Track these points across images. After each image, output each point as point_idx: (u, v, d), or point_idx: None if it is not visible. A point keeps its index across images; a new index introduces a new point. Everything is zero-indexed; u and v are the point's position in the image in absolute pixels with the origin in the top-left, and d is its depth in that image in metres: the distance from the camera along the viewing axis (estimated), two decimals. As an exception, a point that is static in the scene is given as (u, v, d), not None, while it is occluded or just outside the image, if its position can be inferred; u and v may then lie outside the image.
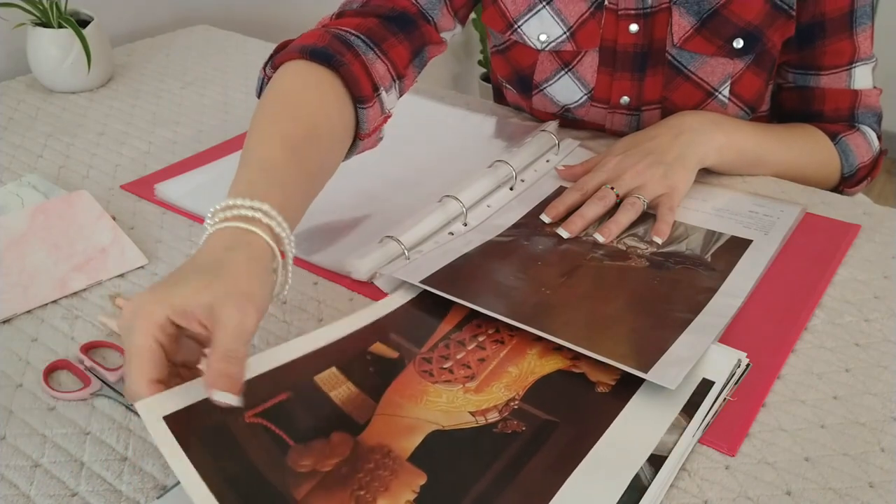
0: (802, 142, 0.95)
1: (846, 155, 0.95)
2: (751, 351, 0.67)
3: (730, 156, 0.90)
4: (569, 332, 0.68)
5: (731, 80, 0.93)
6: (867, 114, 0.97)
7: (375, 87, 0.81)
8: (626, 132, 0.99)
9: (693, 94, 0.94)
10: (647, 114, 0.98)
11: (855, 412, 0.62)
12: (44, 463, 0.59)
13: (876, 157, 0.99)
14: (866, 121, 0.97)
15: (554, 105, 1.02)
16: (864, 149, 0.96)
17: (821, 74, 0.94)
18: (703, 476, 0.57)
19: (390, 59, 0.84)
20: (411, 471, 0.56)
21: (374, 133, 0.83)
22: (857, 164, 0.96)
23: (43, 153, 1.03)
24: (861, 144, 0.96)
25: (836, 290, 0.76)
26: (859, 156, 0.96)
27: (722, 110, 0.95)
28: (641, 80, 0.95)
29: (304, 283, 0.77)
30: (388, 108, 0.84)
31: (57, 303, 0.75)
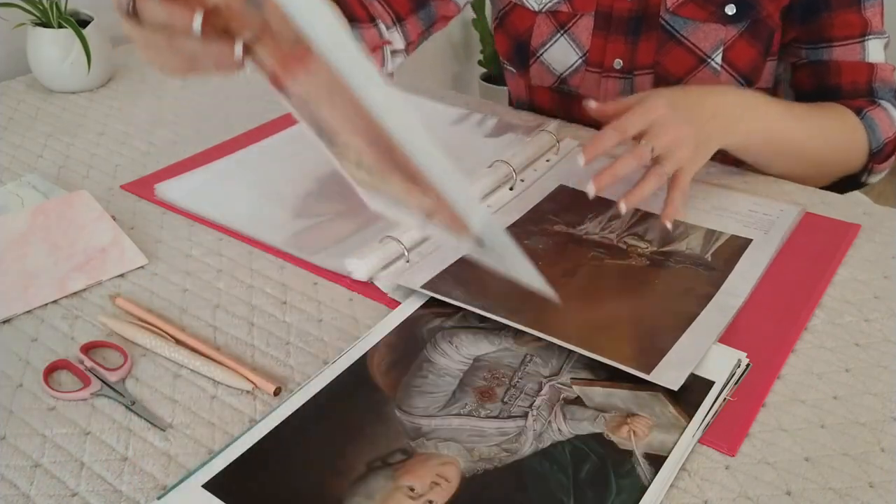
0: (831, 123, 0.93)
1: (873, 130, 0.93)
2: (751, 351, 0.67)
3: (755, 143, 0.87)
4: (571, 333, 0.68)
5: (724, 46, 0.94)
6: (885, 88, 0.95)
7: (371, 17, 0.94)
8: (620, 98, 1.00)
9: (685, 59, 0.96)
10: (640, 78, 0.99)
11: (855, 412, 0.62)
12: (44, 463, 0.59)
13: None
14: (885, 96, 0.95)
15: (550, 74, 1.04)
16: (887, 123, 0.94)
17: (833, 46, 0.93)
18: (703, 476, 0.57)
19: (389, 2, 0.97)
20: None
21: (374, 54, 0.94)
22: (883, 139, 0.93)
23: (43, 153, 1.02)
24: (884, 119, 0.94)
25: (836, 290, 0.76)
26: (884, 130, 0.94)
27: (714, 78, 0.96)
28: (635, 44, 0.97)
29: (304, 284, 0.77)
30: (387, 39, 0.95)
31: (57, 303, 0.75)
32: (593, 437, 0.60)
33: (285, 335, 0.71)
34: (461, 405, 0.63)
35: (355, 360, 0.67)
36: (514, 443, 0.59)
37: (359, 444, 0.59)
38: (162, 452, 0.60)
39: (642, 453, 0.58)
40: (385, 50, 0.98)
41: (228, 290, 0.77)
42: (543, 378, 0.65)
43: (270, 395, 0.65)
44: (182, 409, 0.64)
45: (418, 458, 0.58)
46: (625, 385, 0.64)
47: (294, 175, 0.95)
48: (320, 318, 0.73)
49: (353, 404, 0.63)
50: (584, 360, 0.66)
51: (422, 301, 0.74)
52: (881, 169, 0.97)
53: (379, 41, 0.95)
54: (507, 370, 0.66)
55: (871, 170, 0.95)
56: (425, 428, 0.61)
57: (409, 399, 0.63)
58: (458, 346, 0.69)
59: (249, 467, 0.58)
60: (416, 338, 0.70)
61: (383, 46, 0.97)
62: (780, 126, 0.88)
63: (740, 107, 0.85)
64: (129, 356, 0.68)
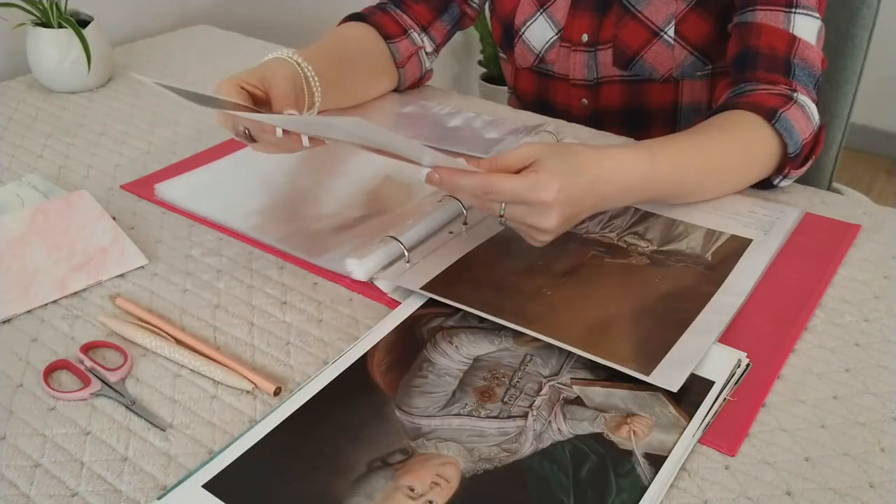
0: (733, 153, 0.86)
1: (789, 133, 0.85)
2: (751, 351, 0.67)
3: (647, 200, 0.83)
4: (571, 334, 0.68)
5: (675, 20, 0.98)
6: (804, 68, 0.89)
7: (403, 29, 1.09)
8: (585, 73, 1.07)
9: (640, 32, 1.00)
10: (602, 52, 1.05)
11: (855, 412, 0.62)
12: (44, 463, 0.59)
13: (817, 132, 0.89)
14: (802, 77, 0.89)
15: (531, 53, 1.11)
16: (804, 123, 0.87)
17: (757, 9, 0.91)
18: (703, 476, 0.57)
19: (412, 14, 1.10)
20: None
21: (409, 62, 1.10)
22: (801, 140, 0.86)
23: (43, 153, 1.03)
24: (801, 119, 0.86)
25: (836, 290, 0.76)
26: (801, 131, 0.86)
27: (668, 52, 1.00)
28: (601, 19, 1.03)
29: (303, 284, 0.77)
30: (420, 44, 1.10)
31: (57, 303, 0.75)
32: (593, 437, 0.60)
33: (285, 335, 0.71)
34: (461, 405, 0.63)
35: (355, 360, 0.67)
36: (514, 443, 0.59)
37: (359, 444, 0.59)
38: (162, 452, 0.60)
39: (642, 453, 0.58)
40: (420, 53, 1.11)
41: (228, 290, 0.77)
42: (543, 378, 0.65)
43: (270, 395, 0.65)
44: (182, 409, 0.64)
45: (418, 458, 0.58)
46: (625, 385, 0.64)
47: (294, 175, 0.95)
48: (320, 319, 0.73)
49: (353, 404, 0.63)
50: (584, 359, 0.66)
51: (422, 301, 0.74)
52: (796, 174, 0.90)
53: (413, 48, 1.10)
54: (507, 370, 0.66)
55: (787, 174, 0.88)
56: (425, 428, 0.61)
57: (409, 399, 0.63)
58: (458, 346, 0.69)
59: (249, 467, 0.58)
60: (416, 338, 0.70)
61: (418, 51, 1.11)
62: (674, 190, 0.83)
63: (622, 193, 0.77)
64: (129, 356, 0.68)
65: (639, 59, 1.02)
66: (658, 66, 1.02)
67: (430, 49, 1.13)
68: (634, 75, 1.04)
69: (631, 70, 1.03)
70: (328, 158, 0.99)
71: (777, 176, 0.88)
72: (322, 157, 0.99)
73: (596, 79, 1.07)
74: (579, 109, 1.11)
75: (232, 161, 0.97)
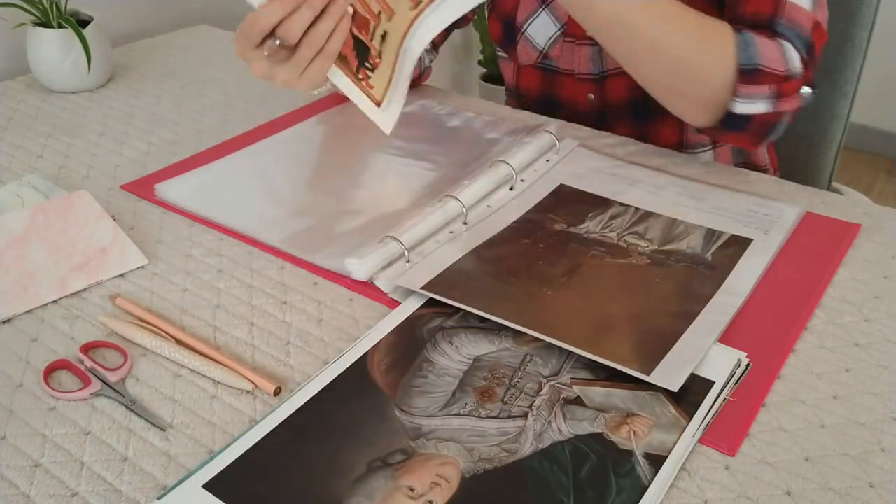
0: (699, 22, 0.84)
1: (746, 46, 0.82)
2: (751, 351, 0.67)
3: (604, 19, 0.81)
4: (571, 334, 0.68)
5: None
6: (791, 29, 0.85)
7: None
8: (591, 66, 1.06)
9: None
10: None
11: (855, 412, 0.62)
12: (44, 463, 0.59)
13: (790, 75, 0.84)
14: (788, 34, 0.85)
15: (534, 50, 1.09)
16: (774, 55, 0.83)
17: None
18: (703, 476, 0.57)
19: None
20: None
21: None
22: (757, 61, 0.82)
23: (43, 153, 1.03)
24: (772, 50, 0.83)
25: (836, 290, 0.76)
26: (765, 57, 0.82)
27: None
28: None
29: (304, 284, 0.77)
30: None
31: (57, 303, 0.75)
32: (593, 436, 0.60)
33: (285, 335, 0.71)
34: (461, 405, 0.63)
35: (355, 360, 0.67)
36: (514, 443, 0.59)
37: (359, 444, 0.59)
38: (162, 452, 0.60)
39: (642, 453, 0.58)
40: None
41: (228, 290, 0.77)
42: (543, 378, 0.65)
43: (270, 395, 0.65)
44: (182, 409, 0.64)
45: (418, 458, 0.58)
46: (625, 385, 0.64)
47: (294, 175, 0.95)
48: (320, 318, 0.73)
49: (353, 404, 0.63)
50: (584, 359, 0.66)
51: (422, 301, 0.74)
52: (749, 93, 0.83)
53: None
54: (507, 370, 0.66)
55: (736, 91, 0.83)
56: (425, 428, 0.61)
57: (409, 399, 0.63)
58: (458, 346, 0.69)
59: (249, 467, 0.58)
60: (416, 338, 0.70)
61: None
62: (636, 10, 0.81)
63: None
64: (129, 356, 0.68)
65: None
66: None
67: (429, 46, 1.14)
68: None
69: None
70: (328, 159, 0.99)
71: (727, 93, 0.83)
72: (322, 158, 0.99)
73: (602, 72, 1.06)
74: (585, 104, 1.10)
75: (232, 161, 0.97)
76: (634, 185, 0.91)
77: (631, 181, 0.91)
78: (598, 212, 0.86)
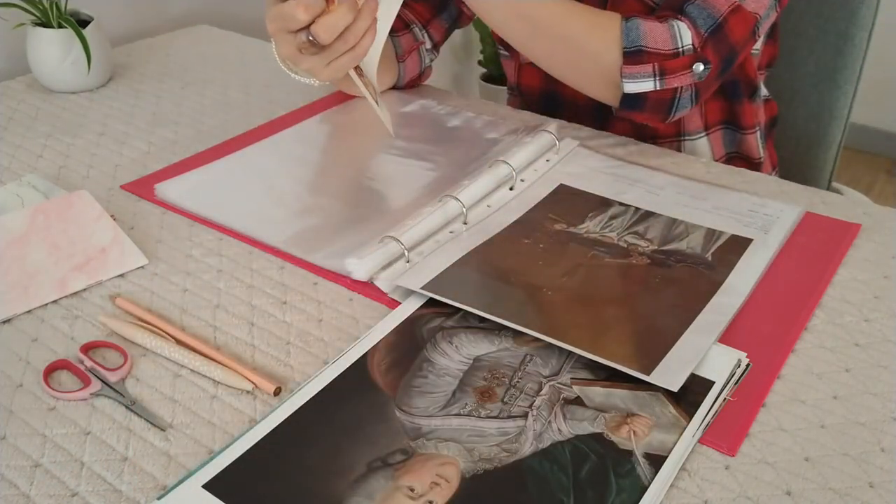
0: (583, 11, 0.89)
1: (629, 31, 0.87)
2: (751, 351, 0.67)
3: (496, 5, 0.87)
4: (571, 334, 0.68)
5: None
6: (701, 9, 0.87)
7: (406, 24, 1.09)
8: None
9: (635, 8, 0.98)
10: None
11: (855, 412, 0.62)
12: (44, 463, 0.59)
13: (676, 53, 0.87)
14: (691, 12, 0.88)
15: None
16: (659, 35, 0.86)
17: None
18: (703, 476, 0.57)
19: (415, 10, 1.11)
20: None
21: (410, 57, 1.10)
22: (641, 43, 0.86)
23: (43, 153, 1.02)
24: (656, 30, 0.87)
25: (836, 290, 0.76)
26: (648, 39, 0.86)
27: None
28: (604, 4, 1.01)
29: (303, 284, 0.77)
30: (421, 40, 1.11)
31: (57, 303, 0.75)
32: (593, 437, 0.60)
33: (285, 335, 0.71)
34: (461, 405, 0.63)
35: (355, 360, 0.67)
36: (514, 443, 0.59)
37: (359, 444, 0.59)
38: (162, 452, 0.60)
39: (642, 453, 0.58)
40: (421, 49, 1.12)
41: (228, 290, 0.77)
42: (543, 378, 0.65)
43: (270, 395, 0.65)
44: (182, 409, 0.64)
45: (418, 458, 0.58)
46: (625, 385, 0.64)
47: (294, 175, 0.95)
48: (320, 318, 0.73)
49: (353, 404, 0.63)
50: (584, 359, 0.66)
51: (422, 301, 0.74)
52: (633, 72, 0.87)
53: (415, 43, 1.11)
54: (507, 370, 0.66)
55: (623, 73, 0.87)
56: (425, 428, 0.61)
57: (409, 399, 0.63)
58: (458, 346, 0.69)
59: (249, 467, 0.58)
60: (416, 338, 0.70)
61: (419, 47, 1.12)
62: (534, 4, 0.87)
63: None
64: (129, 356, 0.68)
65: None
66: None
67: (430, 46, 1.14)
68: None
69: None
70: (328, 159, 0.99)
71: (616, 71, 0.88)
72: (322, 158, 0.99)
73: None
74: (587, 100, 1.10)
75: (232, 161, 0.97)
76: (634, 185, 0.91)
77: (631, 181, 0.91)
78: (598, 212, 0.86)
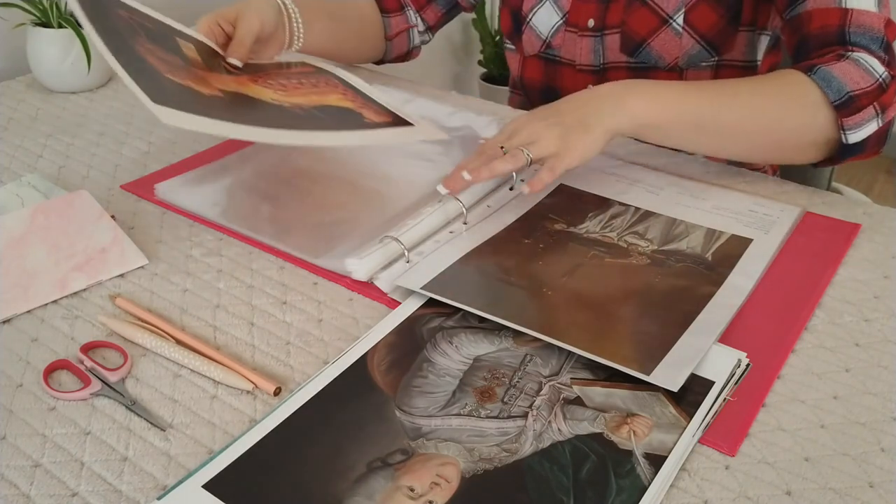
0: (760, 88, 0.85)
1: (828, 82, 0.82)
2: (751, 351, 0.67)
3: (652, 120, 0.83)
4: (571, 334, 0.68)
5: (685, 7, 0.98)
6: (863, 34, 0.84)
7: (401, 5, 1.17)
8: (592, 58, 1.07)
9: (649, 19, 1.00)
10: (609, 37, 1.05)
11: (855, 412, 0.62)
12: (44, 463, 0.59)
13: (882, 85, 0.83)
14: (861, 41, 0.84)
15: (538, 39, 1.12)
16: (856, 74, 0.82)
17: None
18: (703, 476, 0.57)
19: None
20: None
21: (398, 37, 1.18)
22: (847, 90, 0.81)
23: (43, 153, 1.02)
24: (850, 71, 0.82)
25: (836, 289, 0.76)
26: (849, 82, 0.82)
27: (676, 40, 1.00)
28: (607, 4, 1.03)
29: (303, 284, 0.77)
30: (413, 23, 1.18)
31: (57, 303, 0.75)
32: (593, 436, 0.60)
33: (285, 335, 0.71)
34: (461, 405, 0.63)
35: (355, 360, 0.67)
36: (514, 443, 0.59)
37: (359, 444, 0.59)
38: (162, 452, 0.60)
39: (642, 453, 0.58)
40: (411, 31, 1.19)
41: (228, 290, 0.77)
42: (543, 378, 0.65)
43: (270, 395, 0.65)
44: (182, 409, 0.64)
45: (418, 458, 0.58)
46: (625, 385, 0.64)
47: (294, 175, 0.95)
48: (320, 318, 0.73)
49: (353, 405, 0.63)
50: (584, 359, 0.66)
51: (422, 301, 0.74)
52: (856, 122, 0.83)
53: (406, 25, 1.18)
54: (507, 370, 0.66)
55: (843, 126, 0.83)
56: (425, 428, 0.61)
57: (409, 399, 0.63)
58: (458, 345, 0.69)
59: (249, 467, 0.58)
60: (416, 338, 0.70)
61: (409, 29, 1.18)
62: (679, 100, 0.83)
63: (617, 89, 0.84)
64: (129, 356, 0.68)
65: (646, 47, 1.02)
66: (665, 54, 1.01)
67: (423, 28, 1.20)
68: (640, 62, 1.03)
69: (637, 57, 1.03)
70: (328, 159, 0.99)
71: (837, 130, 0.83)
72: (323, 157, 0.99)
73: (602, 64, 1.07)
74: None
75: (232, 161, 0.97)
76: (634, 185, 0.91)
77: (631, 181, 0.91)
78: (598, 212, 0.86)
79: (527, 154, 0.80)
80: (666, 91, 0.84)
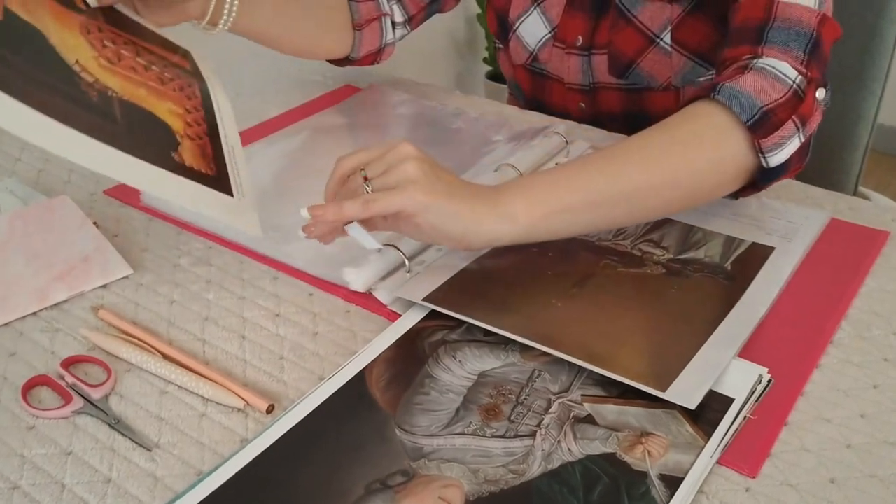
0: (657, 136, 0.77)
1: (736, 100, 0.75)
2: (773, 366, 0.67)
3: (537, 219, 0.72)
4: (582, 348, 0.68)
5: (672, 25, 0.97)
6: (785, 30, 0.78)
7: None
8: (581, 77, 1.07)
9: (635, 39, 1.00)
10: (597, 57, 1.04)
11: (883, 431, 0.62)
12: (22, 485, 0.59)
13: (798, 92, 0.77)
14: (779, 39, 0.78)
15: (524, 50, 1.11)
16: (765, 85, 0.76)
17: None
18: (721, 499, 0.57)
19: None
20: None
21: (369, 26, 1.05)
22: (759, 104, 0.75)
23: (21, 156, 1.03)
24: (758, 82, 0.76)
25: (864, 301, 0.76)
26: (760, 95, 0.75)
27: (667, 60, 0.99)
28: (597, 22, 1.03)
29: (298, 295, 0.78)
30: (385, 11, 1.07)
31: (36, 315, 0.76)
32: (605, 457, 0.60)
33: (279, 349, 0.71)
34: (465, 424, 0.63)
35: (353, 375, 0.67)
36: (521, 464, 0.60)
37: (357, 465, 0.59)
38: (148, 474, 0.60)
39: (657, 474, 0.58)
40: (383, 21, 1.07)
41: (218, 302, 0.77)
42: (552, 395, 0.65)
43: (263, 413, 0.65)
44: (169, 428, 0.64)
45: (420, 479, 0.58)
46: (639, 402, 0.64)
47: (287, 179, 0.95)
48: (316, 332, 0.73)
49: (351, 423, 0.63)
50: (596, 375, 0.66)
51: (423, 313, 0.74)
52: (776, 142, 0.76)
53: (377, 13, 1.06)
54: (514, 386, 0.66)
55: (762, 149, 0.76)
56: (427, 448, 0.61)
57: (409, 417, 0.63)
58: (461, 360, 0.69)
59: (241, 490, 0.58)
60: (417, 352, 0.70)
61: (381, 17, 1.07)
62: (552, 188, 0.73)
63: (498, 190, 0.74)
64: (112, 372, 0.68)
65: (635, 68, 1.01)
66: (656, 75, 1.01)
67: (401, 19, 1.09)
68: (631, 84, 1.03)
69: (627, 79, 1.03)
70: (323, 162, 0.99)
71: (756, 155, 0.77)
72: (317, 161, 0.99)
73: (591, 84, 1.07)
74: (577, 112, 1.10)
75: (222, 165, 0.97)
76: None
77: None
78: (610, 218, 0.86)
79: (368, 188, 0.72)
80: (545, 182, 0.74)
